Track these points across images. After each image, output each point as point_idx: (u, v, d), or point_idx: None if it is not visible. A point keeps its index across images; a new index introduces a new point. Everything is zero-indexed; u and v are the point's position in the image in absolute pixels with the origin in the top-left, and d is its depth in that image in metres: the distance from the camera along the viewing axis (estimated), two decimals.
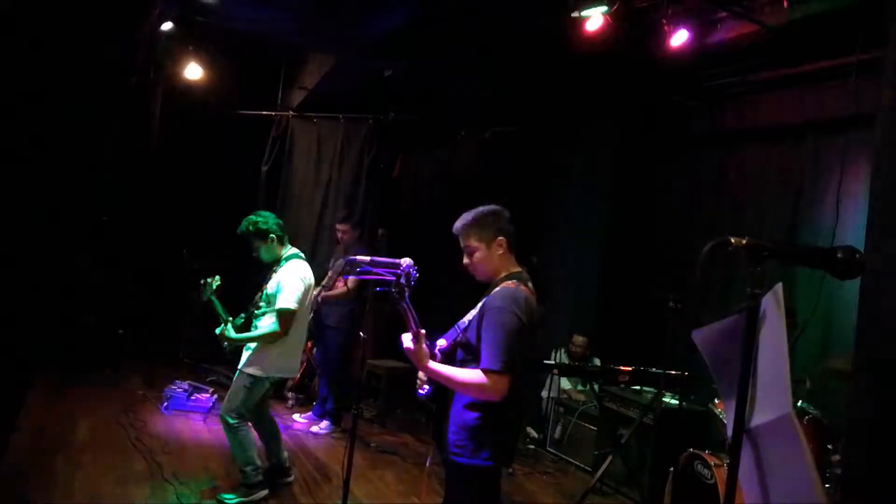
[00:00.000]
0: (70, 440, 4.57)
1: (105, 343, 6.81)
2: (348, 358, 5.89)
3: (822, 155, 5.01)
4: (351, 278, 5.57)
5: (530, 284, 2.55)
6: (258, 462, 3.99)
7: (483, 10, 4.80)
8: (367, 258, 3.51)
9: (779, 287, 1.50)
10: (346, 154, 7.01)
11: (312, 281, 4.14)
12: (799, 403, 3.68)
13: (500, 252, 2.54)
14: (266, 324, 3.95)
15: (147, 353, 7.00)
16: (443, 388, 2.48)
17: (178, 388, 5.72)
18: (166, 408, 5.53)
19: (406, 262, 3.06)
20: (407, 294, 2.33)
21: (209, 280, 4.12)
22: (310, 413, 5.88)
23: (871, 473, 2.18)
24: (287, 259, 4.06)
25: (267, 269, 4.16)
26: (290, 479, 4.30)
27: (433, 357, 2.46)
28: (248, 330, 4.03)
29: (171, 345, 7.41)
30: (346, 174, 7.02)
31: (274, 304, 3.92)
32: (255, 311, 4.03)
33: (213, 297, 4.08)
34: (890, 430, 2.11)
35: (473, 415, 2.41)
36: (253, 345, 3.97)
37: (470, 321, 2.51)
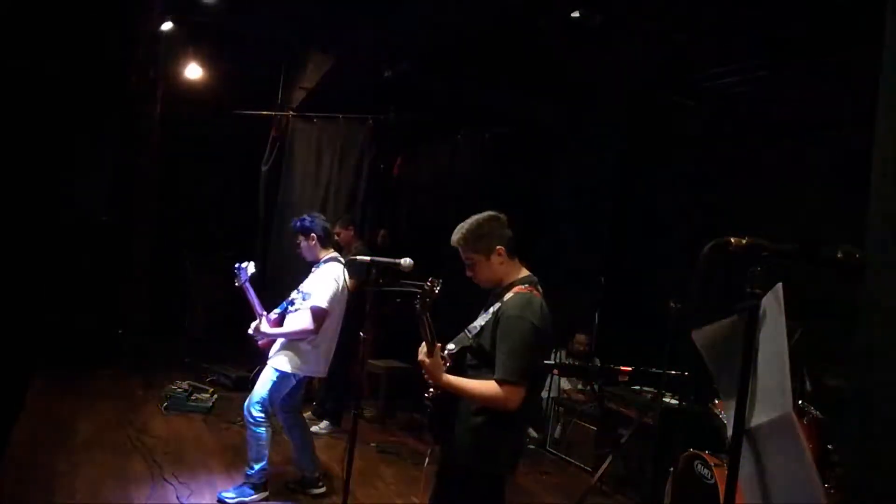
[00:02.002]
0: (70, 440, 4.57)
1: (105, 343, 6.81)
2: (348, 358, 5.88)
3: (822, 154, 5.01)
4: (351, 280, 5.56)
5: (539, 287, 2.55)
6: (266, 464, 3.99)
7: (483, 10, 4.79)
8: (368, 258, 3.55)
9: (779, 287, 1.50)
10: (346, 154, 7.01)
11: (347, 284, 4.20)
12: (799, 403, 3.68)
13: (500, 260, 2.54)
14: (298, 321, 4.00)
15: (147, 353, 7.00)
16: (451, 397, 2.45)
17: (178, 388, 5.72)
18: (166, 408, 5.53)
19: (406, 262, 3.07)
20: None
21: (244, 265, 4.11)
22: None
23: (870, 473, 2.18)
24: (326, 261, 4.16)
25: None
26: (321, 490, 4.23)
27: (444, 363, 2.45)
28: (282, 326, 4.10)
29: (172, 345, 7.42)
30: (346, 174, 7.02)
31: (307, 301, 4.00)
32: (290, 308, 4.10)
33: (248, 285, 4.07)
34: (889, 429, 2.11)
35: (482, 420, 2.41)
36: (283, 340, 4.05)
37: (483, 326, 2.48)
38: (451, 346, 2.53)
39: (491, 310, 2.49)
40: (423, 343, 2.40)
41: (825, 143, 4.97)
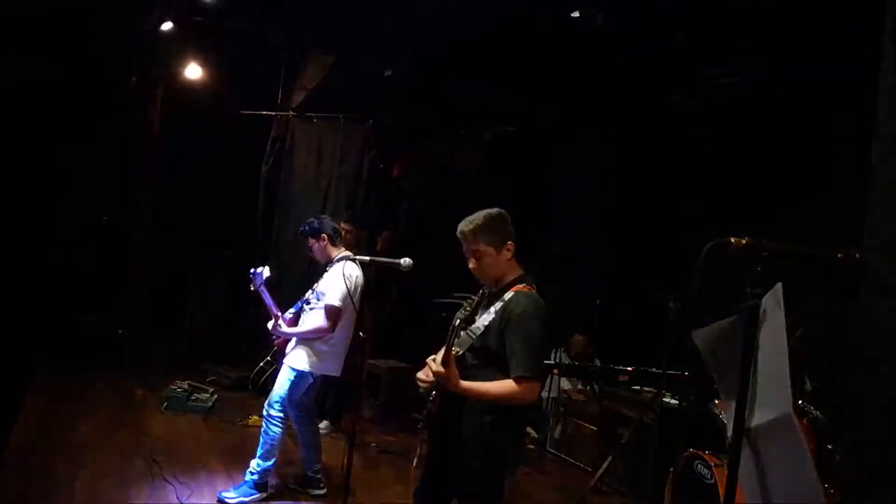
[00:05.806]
0: (70, 440, 4.57)
1: (105, 343, 6.81)
2: (348, 358, 5.88)
3: (822, 154, 5.01)
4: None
5: (534, 286, 2.55)
6: (271, 465, 4.00)
7: (483, 9, 4.79)
8: (367, 258, 3.56)
9: (779, 287, 1.50)
10: (346, 154, 7.00)
11: (361, 282, 4.19)
12: (799, 403, 3.68)
13: (509, 256, 2.53)
14: (313, 320, 4.05)
15: (147, 353, 6.99)
16: (455, 397, 2.43)
17: (178, 388, 5.72)
18: (166, 408, 5.53)
19: (405, 262, 3.07)
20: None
21: (259, 270, 4.19)
22: None
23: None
24: (338, 260, 4.17)
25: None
26: (321, 491, 4.24)
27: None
28: (297, 325, 4.16)
29: (172, 345, 7.41)
30: (346, 174, 7.01)
31: (321, 300, 4.05)
32: (305, 308, 4.15)
33: (264, 288, 4.14)
34: (887, 427, 2.11)
35: (491, 421, 2.42)
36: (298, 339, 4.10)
37: (487, 326, 2.44)
38: (455, 349, 2.48)
39: (492, 309, 2.46)
40: (438, 354, 2.37)
41: (825, 143, 4.97)
